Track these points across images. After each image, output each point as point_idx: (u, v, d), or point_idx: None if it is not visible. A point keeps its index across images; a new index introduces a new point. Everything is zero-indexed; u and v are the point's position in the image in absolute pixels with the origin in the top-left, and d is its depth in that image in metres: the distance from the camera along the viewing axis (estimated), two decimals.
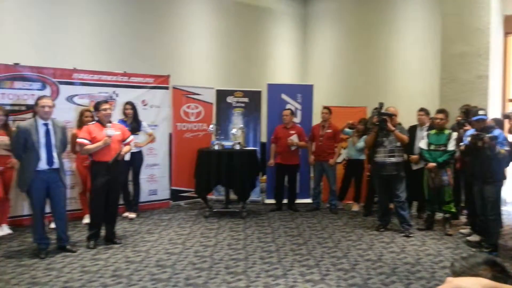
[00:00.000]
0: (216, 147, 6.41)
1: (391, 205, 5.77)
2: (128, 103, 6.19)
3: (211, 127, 6.85)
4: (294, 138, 6.67)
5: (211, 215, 6.41)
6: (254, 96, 7.57)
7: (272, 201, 7.08)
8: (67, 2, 7.54)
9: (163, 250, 4.81)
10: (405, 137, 5.47)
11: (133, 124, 6.09)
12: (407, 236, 5.38)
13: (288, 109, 6.95)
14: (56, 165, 4.56)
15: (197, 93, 7.38)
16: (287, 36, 10.95)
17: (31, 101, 5.61)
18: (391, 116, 5.47)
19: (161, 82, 6.92)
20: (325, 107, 6.89)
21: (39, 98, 4.58)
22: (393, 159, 5.45)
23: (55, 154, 4.54)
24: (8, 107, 5.46)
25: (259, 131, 7.55)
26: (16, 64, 5.69)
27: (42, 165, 4.46)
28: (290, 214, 6.60)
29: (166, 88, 6.99)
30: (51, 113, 4.59)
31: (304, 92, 7.54)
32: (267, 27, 10.53)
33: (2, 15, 6.90)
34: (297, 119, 7.42)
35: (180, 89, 7.23)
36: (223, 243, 5.08)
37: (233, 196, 6.71)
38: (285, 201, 6.95)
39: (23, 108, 5.67)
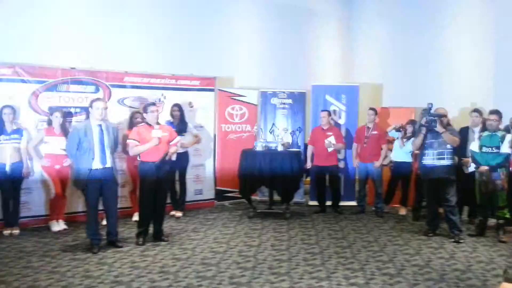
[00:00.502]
0: (260, 148, 6.46)
1: (441, 210, 5.57)
2: (175, 105, 6.37)
3: (255, 128, 6.91)
4: (331, 140, 6.60)
5: (255, 215, 6.46)
6: (298, 98, 7.57)
7: (316, 203, 7.04)
8: (119, 10, 7.86)
9: (208, 248, 4.91)
10: (456, 139, 5.26)
11: (180, 125, 6.25)
12: (457, 242, 5.18)
13: (325, 110, 6.85)
14: (109, 164, 4.78)
15: (241, 94, 7.48)
16: (331, 36, 10.83)
17: (85, 104, 5.92)
18: (441, 117, 5.27)
19: (207, 84, 7.07)
20: (370, 108, 6.77)
21: (94, 100, 4.82)
22: (443, 162, 5.27)
23: (107, 154, 4.75)
24: (64, 110, 5.78)
25: (303, 132, 7.53)
26: (72, 68, 6.03)
27: (96, 164, 4.69)
28: (334, 217, 6.53)
29: (212, 90, 7.14)
30: (105, 115, 4.81)
31: (349, 93, 7.44)
32: (312, 28, 10.47)
33: (58, 21, 7.30)
34: (341, 121, 7.35)
35: (225, 91, 7.36)
36: (266, 243, 5.12)
37: (276, 197, 6.74)
38: (329, 203, 6.89)
39: (78, 110, 5.98)
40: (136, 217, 5.87)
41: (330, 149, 6.61)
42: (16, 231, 5.40)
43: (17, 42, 6.86)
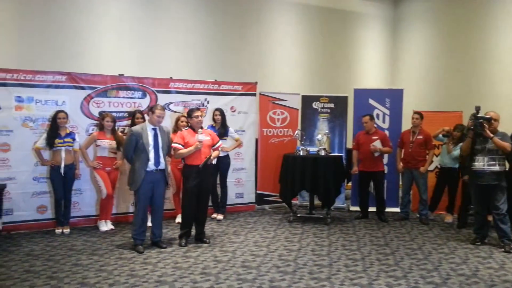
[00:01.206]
0: (301, 153, 6.46)
1: (489, 217, 5.33)
2: (217, 109, 6.49)
3: (297, 132, 6.91)
4: (377, 144, 6.47)
5: (295, 220, 6.46)
6: (340, 102, 7.49)
7: (357, 208, 6.93)
8: (165, 18, 8.16)
9: (249, 251, 4.96)
10: (506, 144, 5.02)
11: (221, 129, 6.36)
12: (507, 252, 4.94)
13: (367, 115, 6.72)
14: (162, 166, 4.96)
15: (283, 99, 7.51)
16: (374, 39, 10.67)
17: (132, 109, 6.20)
18: (489, 120, 5.04)
19: (249, 89, 7.16)
20: (415, 112, 6.59)
21: (155, 107, 5.00)
22: (493, 168, 5.04)
23: (161, 156, 4.94)
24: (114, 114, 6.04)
25: (345, 137, 7.46)
26: (121, 75, 6.29)
27: (151, 166, 4.87)
28: (377, 223, 6.41)
29: (254, 94, 7.21)
30: (162, 122, 5.03)
31: (393, 97, 7.29)
32: (353, 30, 10.36)
33: (109, 32, 7.67)
34: (385, 125, 7.20)
35: (266, 96, 7.42)
36: (307, 248, 5.11)
37: (317, 202, 6.70)
38: (371, 209, 6.76)
39: (126, 115, 6.23)
40: (178, 219, 6.03)
41: (376, 154, 6.49)
42: (67, 230, 5.69)
43: (72, 52, 7.29)
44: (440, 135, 6.56)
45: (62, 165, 5.54)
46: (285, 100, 7.54)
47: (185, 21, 8.39)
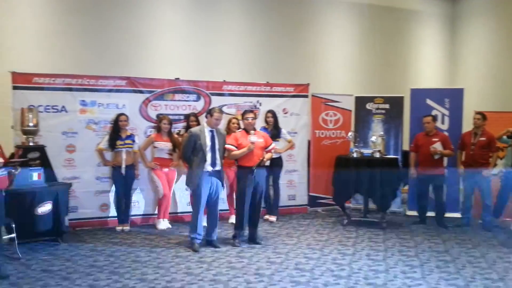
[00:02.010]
0: (355, 155, 6.34)
1: None
2: (269, 111, 6.52)
3: (350, 134, 6.80)
4: (437, 146, 6.20)
5: (348, 223, 6.34)
6: (396, 102, 7.27)
7: (415, 213, 6.69)
8: (218, 21, 8.32)
9: (302, 254, 4.94)
10: None
11: (273, 131, 6.38)
12: None
13: (429, 115, 6.47)
14: (218, 167, 5.07)
15: (336, 100, 7.42)
16: (432, 37, 10.26)
17: (187, 111, 6.39)
18: None
19: (301, 90, 7.13)
20: (477, 113, 6.26)
21: (213, 110, 5.13)
22: None
23: (218, 157, 5.05)
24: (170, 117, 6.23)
25: (401, 138, 7.22)
26: (177, 78, 6.50)
27: (207, 166, 4.99)
28: (435, 229, 6.15)
29: (306, 96, 7.18)
30: (220, 124, 5.17)
31: (453, 97, 6.97)
32: (409, 29, 10.02)
33: (165, 35, 7.94)
34: (444, 126, 6.91)
35: (319, 97, 7.35)
36: (361, 252, 5.00)
37: (372, 205, 6.54)
38: (430, 214, 6.49)
39: (182, 117, 6.42)
40: (232, 219, 6.12)
41: (436, 156, 6.22)
42: (127, 228, 5.95)
43: (131, 57, 7.62)
44: (504, 137, 6.18)
45: (123, 166, 5.80)
46: (338, 102, 7.44)
47: (238, 24, 8.51)
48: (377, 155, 6.32)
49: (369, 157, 6.31)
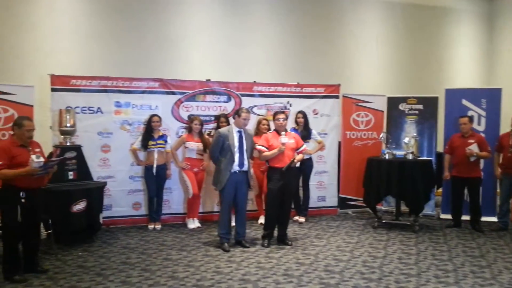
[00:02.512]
0: (387, 156, 6.23)
1: None
2: (300, 112, 6.50)
3: (382, 135, 6.69)
4: (473, 148, 6.00)
5: (380, 226, 6.24)
6: (430, 103, 7.10)
7: (449, 216, 6.50)
8: (249, 23, 8.38)
9: (331, 256, 4.90)
10: None
11: (304, 132, 6.36)
12: None
13: (466, 116, 6.27)
14: (245, 167, 5.11)
15: (367, 101, 7.32)
16: (468, 36, 9.96)
17: (218, 112, 6.46)
18: None
19: (332, 91, 7.08)
20: None
21: (241, 110, 5.19)
22: None
23: (245, 158, 5.09)
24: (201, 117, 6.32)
25: (435, 140, 7.04)
26: (208, 80, 6.59)
27: (235, 167, 5.04)
28: (470, 233, 5.96)
29: (337, 97, 7.12)
30: (247, 125, 5.20)
31: (490, 97, 6.74)
32: (443, 27, 9.76)
33: (196, 37, 8.05)
34: (480, 127, 6.69)
35: (350, 98, 7.28)
36: (393, 256, 4.91)
37: (404, 208, 6.41)
38: (464, 217, 6.29)
39: (212, 118, 6.50)
40: (261, 220, 6.14)
41: (472, 159, 6.02)
42: (158, 226, 6.07)
43: (164, 59, 7.78)
44: None
45: (155, 165, 5.92)
46: (370, 102, 7.34)
47: (269, 25, 8.53)
48: (410, 156, 6.19)
49: (402, 159, 6.19)
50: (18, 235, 4.13)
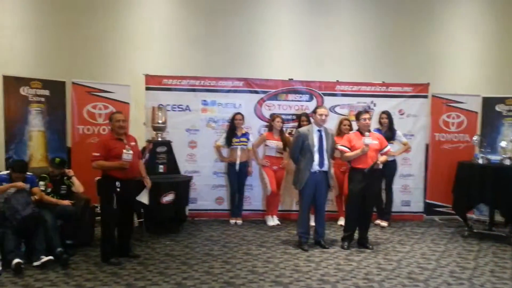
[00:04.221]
0: (481, 161, 5.79)
1: None
2: (384, 112, 6.29)
3: (475, 138, 6.23)
4: None
5: (470, 235, 5.83)
6: None
7: None
8: (332, 21, 8.24)
9: (415, 263, 4.68)
10: None
11: (388, 133, 6.13)
12: None
13: None
14: (325, 167, 5.07)
15: (459, 101, 6.86)
16: None
17: (300, 111, 6.47)
18: None
19: (420, 90, 6.74)
20: None
21: (318, 107, 5.22)
22: None
23: (325, 158, 5.05)
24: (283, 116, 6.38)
25: None
26: (290, 79, 6.64)
27: (315, 166, 5.03)
28: None
29: (425, 96, 6.76)
30: (326, 121, 5.15)
31: None
32: None
33: (279, 36, 8.09)
34: None
35: (440, 97, 6.87)
36: (484, 268, 4.57)
37: (498, 217, 5.92)
38: None
39: (294, 117, 6.53)
40: (341, 221, 6.06)
41: None
42: (239, 221, 6.26)
43: (248, 58, 7.94)
44: None
45: (237, 162, 6.11)
46: (462, 102, 6.87)
47: (352, 22, 8.32)
48: (507, 162, 5.69)
49: (498, 164, 5.72)
50: (114, 222, 4.51)
